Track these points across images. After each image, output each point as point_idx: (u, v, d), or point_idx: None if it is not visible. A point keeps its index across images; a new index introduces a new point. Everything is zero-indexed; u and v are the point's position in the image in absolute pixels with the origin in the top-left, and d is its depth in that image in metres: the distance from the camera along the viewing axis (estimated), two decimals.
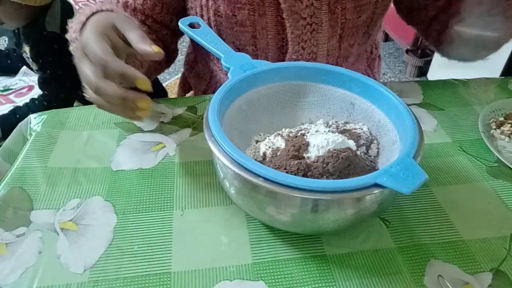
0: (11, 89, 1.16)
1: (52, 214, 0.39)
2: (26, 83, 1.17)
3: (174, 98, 0.61)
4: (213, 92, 0.40)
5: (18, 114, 0.94)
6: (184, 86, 0.84)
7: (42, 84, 0.96)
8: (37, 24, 0.92)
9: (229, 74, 0.43)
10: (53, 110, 0.56)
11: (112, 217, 0.39)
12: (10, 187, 0.42)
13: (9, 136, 0.59)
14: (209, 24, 0.59)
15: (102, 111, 0.41)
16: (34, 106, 0.95)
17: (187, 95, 0.84)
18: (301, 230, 0.36)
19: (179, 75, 1.12)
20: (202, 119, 0.54)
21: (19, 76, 1.20)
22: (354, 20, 0.58)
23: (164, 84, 1.14)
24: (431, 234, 0.38)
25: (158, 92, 1.11)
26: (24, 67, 1.18)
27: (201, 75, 0.72)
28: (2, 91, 1.15)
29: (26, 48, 0.97)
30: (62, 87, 0.95)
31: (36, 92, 1.08)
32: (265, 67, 0.44)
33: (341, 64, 0.63)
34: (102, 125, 0.52)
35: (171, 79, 1.82)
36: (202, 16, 0.59)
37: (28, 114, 0.57)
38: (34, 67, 0.97)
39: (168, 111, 0.55)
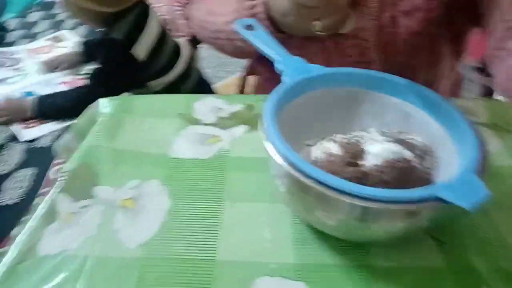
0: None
1: (114, 191, 0.42)
2: None
3: (232, 95, 0.63)
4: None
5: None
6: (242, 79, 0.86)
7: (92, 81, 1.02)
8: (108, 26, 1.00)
9: (282, 77, 0.44)
10: (122, 96, 0.60)
11: (167, 200, 0.41)
12: (79, 162, 0.46)
13: (80, 116, 0.64)
14: None
15: (166, 100, 0.43)
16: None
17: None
18: (348, 237, 0.36)
19: (229, 78, 1.14)
20: (258, 117, 0.55)
21: None
22: (409, 62, 0.56)
23: (212, 87, 1.17)
24: (487, 261, 0.36)
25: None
26: None
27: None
28: (78, 74, 1.25)
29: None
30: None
31: None
32: (320, 71, 0.44)
33: None
34: (165, 115, 0.55)
35: (220, 81, 1.85)
36: None
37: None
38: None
39: (227, 106, 0.57)
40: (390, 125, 0.44)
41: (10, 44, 1.43)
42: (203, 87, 1.15)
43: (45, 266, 0.35)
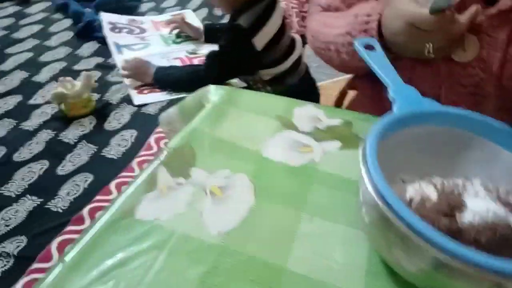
0: (198, 53, 1.34)
1: (207, 175, 0.46)
2: None
3: (332, 108, 0.63)
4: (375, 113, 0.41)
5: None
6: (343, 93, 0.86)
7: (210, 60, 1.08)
8: (238, 13, 1.05)
9: (394, 106, 0.43)
10: (231, 88, 0.63)
11: (252, 197, 0.43)
12: (182, 142, 0.51)
13: (189, 96, 0.69)
14: None
15: (269, 100, 0.44)
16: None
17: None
18: (424, 285, 0.34)
19: (336, 78, 1.12)
20: (355, 138, 0.54)
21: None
22: None
23: (319, 84, 1.17)
24: None
25: (313, 91, 1.15)
26: None
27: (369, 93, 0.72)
28: (190, 53, 1.34)
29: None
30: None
31: None
32: (432, 107, 0.42)
33: None
34: (265, 113, 0.57)
35: (327, 80, 1.83)
36: None
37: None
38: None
39: (325, 118, 0.58)
40: (498, 181, 0.40)
41: (142, 14, 1.59)
42: (308, 82, 1.16)
43: (137, 229, 0.39)
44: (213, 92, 0.62)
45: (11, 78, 1.11)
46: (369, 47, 0.51)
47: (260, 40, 1.02)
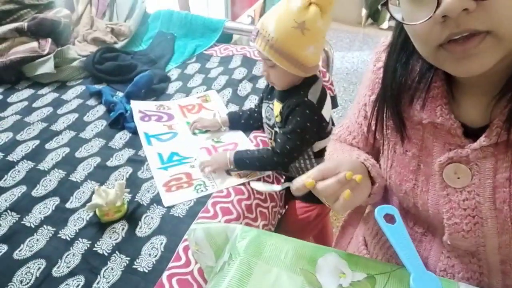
0: (222, 141, 1.40)
1: None
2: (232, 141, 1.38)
3: (356, 257, 0.64)
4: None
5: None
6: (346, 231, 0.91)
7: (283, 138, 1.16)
8: (299, 90, 1.15)
9: None
10: (258, 231, 0.66)
11: None
12: None
13: (214, 224, 0.72)
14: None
15: (294, 247, 0.57)
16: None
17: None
18: None
19: None
20: None
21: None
22: None
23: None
24: None
25: None
26: None
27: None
28: (216, 142, 1.40)
29: (277, 104, 1.19)
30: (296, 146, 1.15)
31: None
32: None
33: None
34: (290, 268, 0.60)
35: None
36: None
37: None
38: (277, 123, 1.20)
39: (349, 272, 0.59)
40: None
41: (170, 97, 1.67)
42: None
43: None
44: (240, 236, 0.65)
45: (50, 179, 1.19)
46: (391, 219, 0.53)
47: (326, 112, 1.16)
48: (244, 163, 1.19)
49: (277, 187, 0.67)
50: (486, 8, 0.44)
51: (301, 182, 0.62)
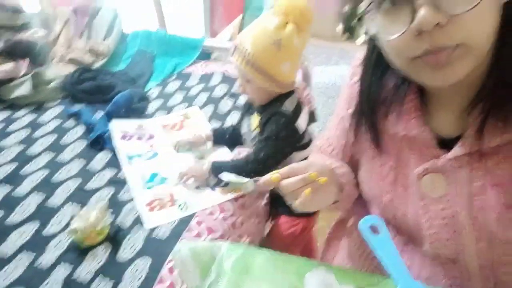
0: (205, 158, 1.39)
1: None
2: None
3: (344, 270, 0.64)
4: None
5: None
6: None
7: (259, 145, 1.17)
8: (277, 101, 1.18)
9: None
10: (244, 247, 0.66)
11: None
12: None
13: (200, 243, 0.71)
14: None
15: (283, 262, 0.60)
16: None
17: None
18: None
19: None
20: None
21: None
22: (503, 234, 0.55)
23: None
24: None
25: None
26: None
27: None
28: (200, 158, 1.38)
29: (253, 119, 1.21)
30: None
31: None
32: None
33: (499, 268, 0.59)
34: (278, 282, 0.59)
35: None
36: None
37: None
38: (258, 135, 1.21)
39: (336, 285, 0.59)
40: None
41: (150, 115, 1.66)
42: None
43: None
44: (226, 254, 0.65)
45: (28, 203, 1.15)
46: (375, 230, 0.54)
47: (301, 123, 1.17)
48: (220, 171, 1.17)
49: (246, 179, 0.67)
50: (457, 23, 0.46)
51: (268, 177, 0.63)
